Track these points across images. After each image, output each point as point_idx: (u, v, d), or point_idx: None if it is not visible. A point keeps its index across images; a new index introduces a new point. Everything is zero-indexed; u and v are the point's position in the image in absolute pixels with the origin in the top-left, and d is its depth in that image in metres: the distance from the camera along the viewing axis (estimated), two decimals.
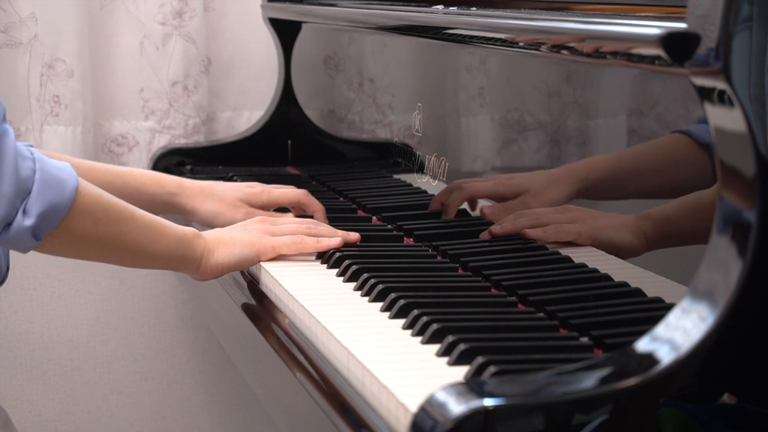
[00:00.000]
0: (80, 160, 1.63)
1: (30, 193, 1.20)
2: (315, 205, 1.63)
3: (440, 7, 1.62)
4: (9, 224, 1.21)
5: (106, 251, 1.32)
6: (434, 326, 1.12)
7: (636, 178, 1.24)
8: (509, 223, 1.40)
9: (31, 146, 1.47)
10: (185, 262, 1.38)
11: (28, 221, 1.21)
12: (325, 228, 1.49)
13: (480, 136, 1.55)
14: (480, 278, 1.33)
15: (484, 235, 1.43)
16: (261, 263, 1.45)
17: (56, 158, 1.57)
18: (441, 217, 1.56)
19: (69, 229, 1.24)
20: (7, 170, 1.18)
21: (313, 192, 1.69)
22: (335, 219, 1.62)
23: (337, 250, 1.45)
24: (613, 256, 1.24)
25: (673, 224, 1.17)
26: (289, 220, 1.51)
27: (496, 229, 1.42)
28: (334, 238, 1.46)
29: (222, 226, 1.52)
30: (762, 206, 0.91)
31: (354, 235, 1.48)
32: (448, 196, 1.56)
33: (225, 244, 1.41)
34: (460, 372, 1.03)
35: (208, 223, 1.63)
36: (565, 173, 1.35)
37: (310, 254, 1.49)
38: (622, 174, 1.27)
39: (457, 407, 0.86)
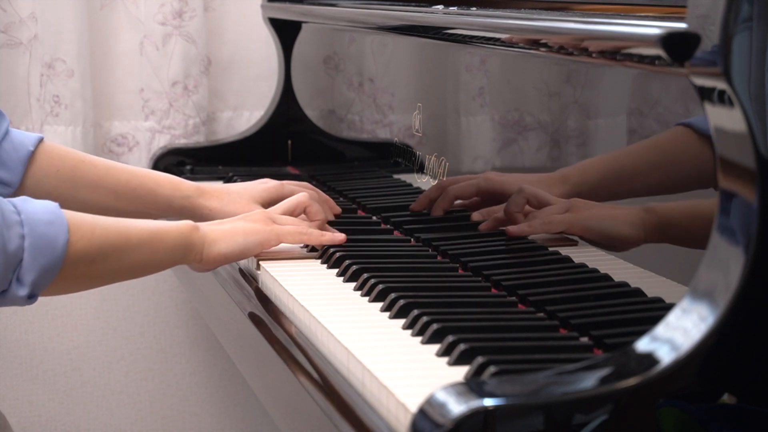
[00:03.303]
0: (97, 158, 1.60)
1: (20, 262, 1.19)
2: (319, 214, 1.56)
3: (440, 7, 1.62)
4: (4, 291, 1.20)
5: (106, 281, 1.31)
6: (434, 326, 1.12)
7: (634, 177, 1.24)
8: (525, 224, 1.39)
9: (41, 138, 1.45)
10: (186, 259, 1.37)
11: (22, 291, 1.20)
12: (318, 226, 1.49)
13: (480, 136, 1.55)
14: (480, 278, 1.33)
15: (483, 227, 1.44)
16: (261, 263, 1.45)
17: (72, 156, 1.56)
18: (431, 215, 1.56)
19: (65, 278, 1.23)
20: None
21: None
22: (335, 219, 1.62)
23: (337, 249, 1.45)
24: (613, 256, 1.24)
25: (677, 229, 1.17)
26: (288, 218, 1.49)
27: (513, 229, 1.39)
28: (336, 234, 1.46)
29: None
30: (762, 206, 0.91)
31: (340, 236, 1.48)
32: (436, 195, 1.56)
33: (227, 234, 1.39)
34: (460, 372, 1.03)
35: None
36: (557, 178, 1.35)
37: (310, 254, 1.49)
38: (619, 174, 1.27)
39: (457, 407, 0.86)
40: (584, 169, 1.31)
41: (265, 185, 1.62)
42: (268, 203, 1.60)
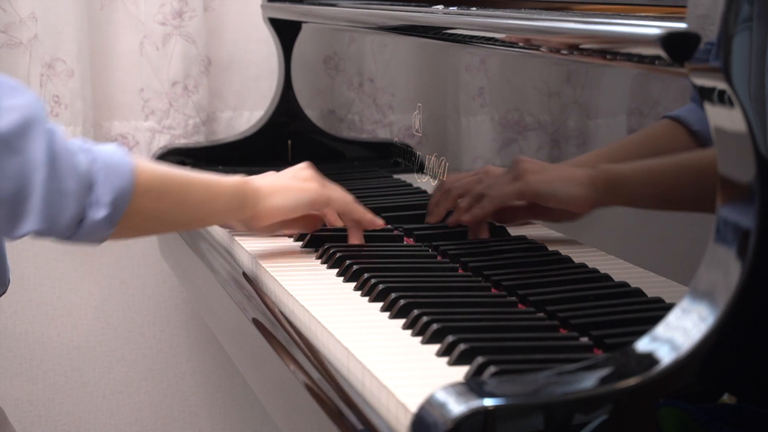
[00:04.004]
0: None
1: (94, 185, 1.20)
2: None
3: (440, 7, 1.62)
4: (81, 221, 1.20)
5: (174, 221, 1.33)
6: (434, 326, 1.12)
7: None
8: (477, 207, 1.42)
9: None
10: (241, 212, 1.39)
11: (102, 212, 1.20)
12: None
13: (480, 136, 1.55)
14: (480, 278, 1.33)
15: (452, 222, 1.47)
16: (261, 263, 1.45)
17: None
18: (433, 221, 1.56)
19: (137, 210, 1.24)
20: (65, 168, 1.18)
21: None
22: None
23: (337, 249, 1.45)
24: (613, 256, 1.24)
25: (627, 188, 1.19)
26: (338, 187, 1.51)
27: (466, 217, 1.43)
28: (377, 218, 1.48)
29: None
30: (762, 206, 0.91)
31: (380, 221, 1.50)
32: (440, 197, 1.57)
33: (280, 190, 1.41)
34: (460, 372, 1.03)
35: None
36: None
37: (310, 253, 1.49)
38: None
39: (457, 407, 0.86)
40: (580, 164, 1.31)
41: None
42: None
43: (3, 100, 1.15)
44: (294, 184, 1.43)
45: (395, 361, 1.08)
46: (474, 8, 1.56)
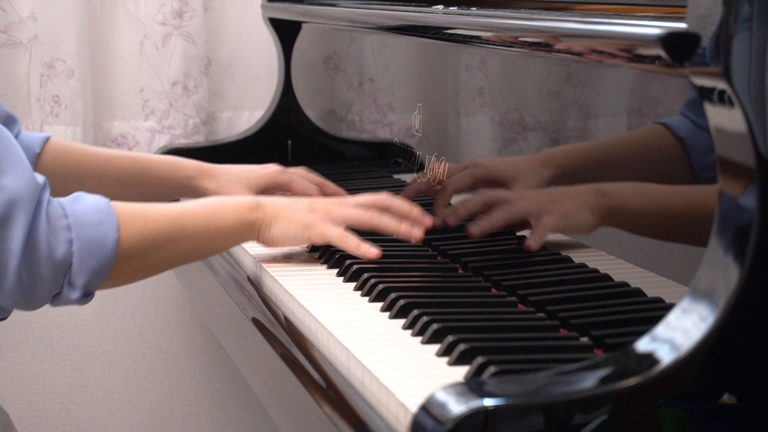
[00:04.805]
0: (98, 149, 1.64)
1: (69, 268, 1.19)
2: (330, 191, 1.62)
3: (440, 7, 1.62)
4: (58, 294, 1.20)
5: (162, 270, 1.31)
6: (434, 326, 1.12)
7: (613, 168, 1.25)
8: (485, 220, 1.40)
9: (47, 138, 1.53)
10: (244, 239, 1.39)
11: (74, 294, 1.20)
12: (397, 210, 1.43)
13: (480, 136, 1.55)
14: (480, 278, 1.33)
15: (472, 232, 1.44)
16: (262, 264, 1.45)
17: (74, 151, 1.57)
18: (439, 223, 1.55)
19: (119, 275, 1.23)
20: (41, 255, 1.17)
21: None
22: None
23: (337, 250, 1.45)
24: (613, 256, 1.24)
25: (628, 216, 1.19)
26: (359, 201, 1.44)
27: (474, 229, 1.41)
28: (372, 248, 1.39)
29: None
30: (762, 206, 0.91)
31: (375, 251, 1.41)
32: (425, 188, 1.58)
33: (283, 219, 1.39)
34: (460, 372, 1.03)
35: None
36: (542, 159, 1.37)
37: (310, 255, 1.49)
38: (600, 162, 1.28)
39: (457, 407, 0.86)
40: (570, 153, 1.32)
41: (266, 170, 1.65)
42: (264, 188, 1.63)
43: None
44: (297, 216, 1.40)
45: (395, 361, 1.08)
46: (474, 8, 1.56)
